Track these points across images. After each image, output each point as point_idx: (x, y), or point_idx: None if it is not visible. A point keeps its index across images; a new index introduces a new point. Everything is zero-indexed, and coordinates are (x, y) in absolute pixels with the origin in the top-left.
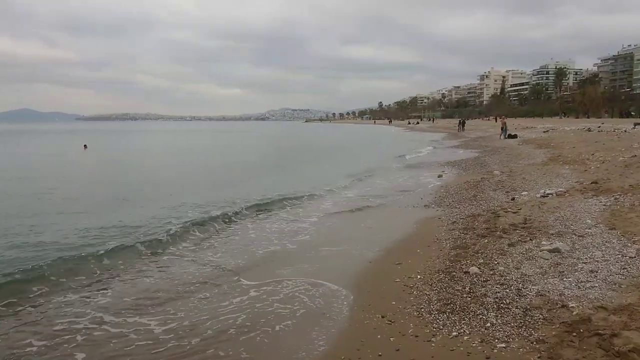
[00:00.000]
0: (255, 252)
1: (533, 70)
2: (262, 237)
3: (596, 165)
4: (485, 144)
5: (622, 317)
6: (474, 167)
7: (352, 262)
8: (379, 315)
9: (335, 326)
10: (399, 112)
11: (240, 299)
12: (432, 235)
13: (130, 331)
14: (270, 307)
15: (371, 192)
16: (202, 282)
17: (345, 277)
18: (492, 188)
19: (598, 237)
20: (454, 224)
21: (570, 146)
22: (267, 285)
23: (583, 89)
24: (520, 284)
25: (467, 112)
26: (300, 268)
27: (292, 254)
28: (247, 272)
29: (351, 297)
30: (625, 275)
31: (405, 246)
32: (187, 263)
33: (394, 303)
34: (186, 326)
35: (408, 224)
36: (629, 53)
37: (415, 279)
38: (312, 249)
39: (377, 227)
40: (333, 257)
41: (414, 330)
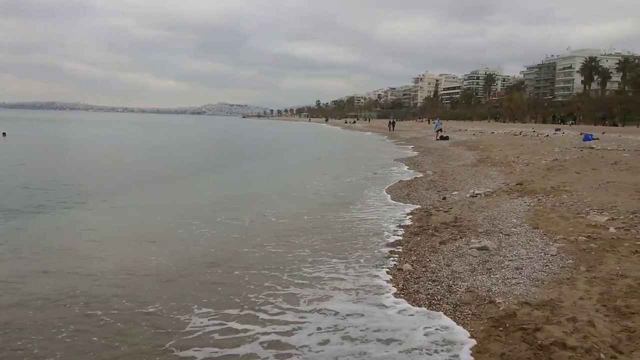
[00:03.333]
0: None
1: (465, 75)
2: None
3: (521, 168)
4: (419, 145)
5: (545, 312)
6: (409, 166)
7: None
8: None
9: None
10: (336, 111)
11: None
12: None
13: None
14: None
15: (313, 190)
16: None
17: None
18: (424, 187)
19: (523, 235)
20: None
21: (498, 149)
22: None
23: (510, 95)
24: (451, 280)
25: (402, 113)
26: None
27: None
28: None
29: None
30: (547, 272)
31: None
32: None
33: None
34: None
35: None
36: (552, 62)
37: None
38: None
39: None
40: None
41: None
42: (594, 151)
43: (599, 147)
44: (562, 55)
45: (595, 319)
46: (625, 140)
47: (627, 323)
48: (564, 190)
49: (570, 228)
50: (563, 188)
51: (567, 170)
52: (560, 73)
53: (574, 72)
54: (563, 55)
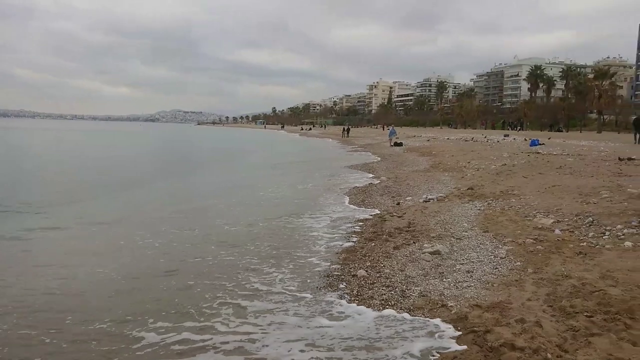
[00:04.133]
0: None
1: (417, 82)
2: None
3: (472, 173)
4: (373, 151)
5: (494, 314)
6: (364, 172)
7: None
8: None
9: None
10: (292, 118)
11: None
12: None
13: None
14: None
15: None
16: None
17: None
18: (379, 193)
19: (474, 239)
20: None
21: (450, 155)
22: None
23: (461, 102)
24: (405, 285)
25: (357, 119)
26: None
27: None
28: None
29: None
30: (496, 274)
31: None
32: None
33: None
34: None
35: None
36: (500, 71)
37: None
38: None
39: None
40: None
41: None
42: (540, 156)
43: (545, 152)
44: (510, 64)
45: (542, 320)
46: (569, 146)
47: (571, 322)
48: (513, 194)
49: (519, 231)
50: (511, 192)
51: (515, 175)
52: (508, 81)
53: (520, 80)
54: (510, 64)
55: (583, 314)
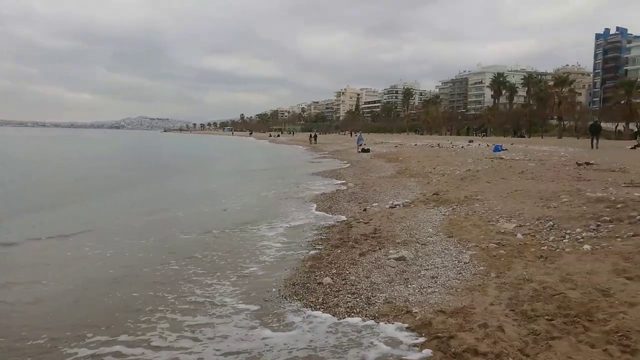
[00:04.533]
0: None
1: (384, 89)
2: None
3: (437, 178)
4: (341, 158)
5: (458, 320)
6: (331, 178)
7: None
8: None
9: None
10: (260, 125)
11: None
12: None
13: None
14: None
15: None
16: None
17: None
18: (346, 199)
19: (438, 244)
20: (310, 234)
21: (416, 161)
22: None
23: (427, 109)
24: (370, 292)
25: (325, 126)
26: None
27: None
28: None
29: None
30: (460, 279)
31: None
32: None
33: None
34: None
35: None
36: (465, 78)
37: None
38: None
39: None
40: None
41: None
42: (503, 161)
43: (507, 157)
44: (474, 71)
45: (504, 324)
46: (530, 151)
47: (533, 326)
48: (476, 199)
49: (482, 235)
50: (475, 197)
51: (479, 180)
52: (472, 88)
53: (484, 86)
54: (474, 71)
55: (544, 317)
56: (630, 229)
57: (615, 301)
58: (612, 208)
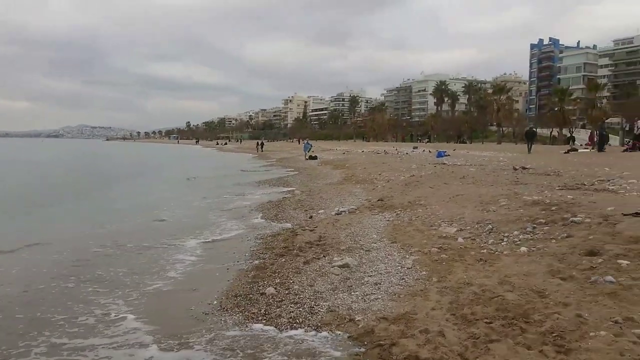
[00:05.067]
0: None
1: (331, 97)
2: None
3: (382, 184)
4: (289, 165)
5: (400, 326)
6: (277, 186)
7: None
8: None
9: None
10: (207, 133)
11: None
12: (231, 258)
13: None
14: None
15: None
16: None
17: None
18: (292, 207)
19: (382, 250)
20: (255, 243)
21: (362, 167)
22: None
23: (373, 116)
24: (313, 301)
25: (273, 134)
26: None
27: None
28: None
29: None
30: (403, 285)
31: (202, 271)
32: None
33: (187, 336)
34: None
35: (206, 246)
36: (409, 86)
37: (212, 305)
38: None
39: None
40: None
41: None
42: (446, 167)
43: (450, 163)
44: (417, 79)
45: (445, 329)
46: (471, 156)
47: (472, 330)
48: (420, 204)
49: (425, 240)
50: (419, 202)
51: (422, 185)
52: (416, 95)
53: (427, 94)
54: (418, 79)
55: (483, 320)
56: (563, 231)
57: (550, 302)
58: (547, 210)
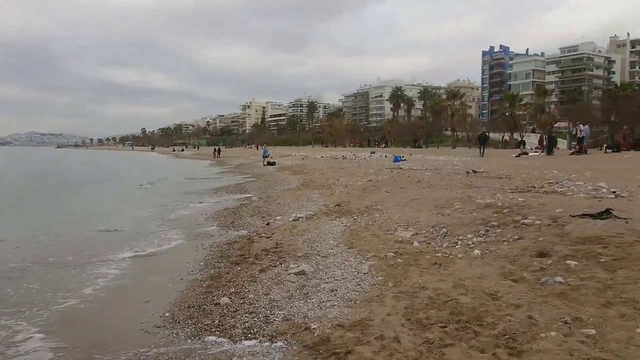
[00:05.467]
0: None
1: (289, 102)
2: None
3: (340, 190)
4: (247, 171)
5: (356, 333)
6: (235, 193)
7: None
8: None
9: None
10: (163, 139)
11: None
12: (185, 268)
13: None
14: None
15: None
16: None
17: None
18: (249, 214)
19: (339, 256)
20: (210, 252)
21: (320, 172)
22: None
23: (331, 121)
24: (269, 310)
25: (231, 140)
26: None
27: None
28: None
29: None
30: (359, 291)
31: (153, 282)
32: None
33: (131, 353)
34: None
35: (161, 257)
36: (366, 91)
37: (164, 318)
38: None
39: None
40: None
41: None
42: (402, 171)
43: (406, 167)
44: (374, 85)
45: (400, 334)
46: (427, 161)
47: (427, 335)
48: (376, 209)
49: (381, 245)
50: (375, 207)
51: (379, 190)
52: (373, 101)
53: (384, 100)
54: (374, 85)
55: (437, 325)
56: (515, 233)
57: (503, 304)
58: (499, 213)
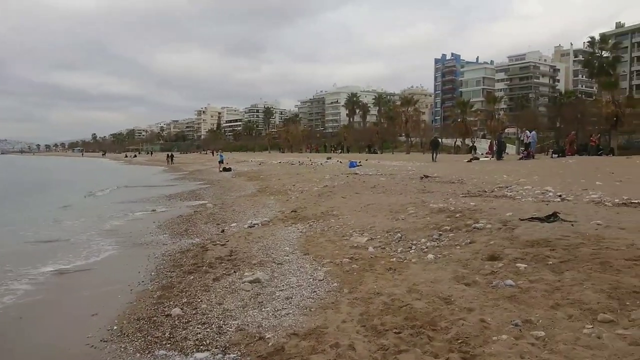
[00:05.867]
0: None
1: (245, 108)
2: None
3: (296, 195)
4: (201, 177)
5: (311, 342)
6: (189, 200)
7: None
8: None
9: None
10: (115, 145)
11: None
12: (136, 278)
13: None
14: None
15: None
16: None
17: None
18: (204, 221)
19: (294, 263)
20: (162, 261)
21: (277, 178)
22: None
23: (287, 127)
24: (222, 320)
25: (186, 145)
26: None
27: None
28: None
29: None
30: (315, 298)
31: (102, 294)
32: None
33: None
34: None
35: (107, 264)
36: (322, 97)
37: (112, 331)
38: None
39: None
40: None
41: None
42: (358, 177)
43: (362, 172)
44: (330, 91)
45: (355, 342)
46: (382, 166)
47: (382, 341)
48: (332, 214)
49: (337, 251)
50: (331, 212)
51: (335, 196)
52: (329, 107)
53: (339, 106)
54: (330, 91)
55: (392, 330)
56: (467, 237)
57: (456, 308)
58: (452, 218)
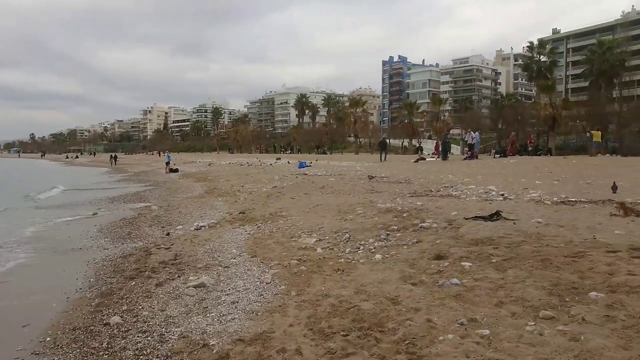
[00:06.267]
0: None
1: (194, 108)
2: None
3: (245, 197)
4: (147, 179)
5: (257, 347)
6: (133, 202)
7: None
8: None
9: None
10: (56, 145)
11: None
12: (73, 285)
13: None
14: None
15: None
16: None
17: None
18: (148, 224)
19: (241, 266)
20: (102, 267)
21: (225, 179)
22: None
23: (236, 127)
24: (164, 327)
25: (131, 146)
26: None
27: None
28: None
29: None
30: (261, 302)
31: (34, 302)
32: None
33: None
34: None
35: (46, 273)
36: (271, 98)
37: (44, 343)
38: None
39: None
40: None
41: None
42: (307, 177)
43: (311, 173)
44: (279, 92)
45: (302, 346)
46: (331, 167)
47: (329, 344)
48: (281, 215)
49: (285, 253)
50: (280, 214)
51: (284, 197)
52: (279, 107)
53: (289, 106)
54: (279, 92)
55: (340, 333)
56: (414, 237)
57: (403, 308)
58: (399, 217)
